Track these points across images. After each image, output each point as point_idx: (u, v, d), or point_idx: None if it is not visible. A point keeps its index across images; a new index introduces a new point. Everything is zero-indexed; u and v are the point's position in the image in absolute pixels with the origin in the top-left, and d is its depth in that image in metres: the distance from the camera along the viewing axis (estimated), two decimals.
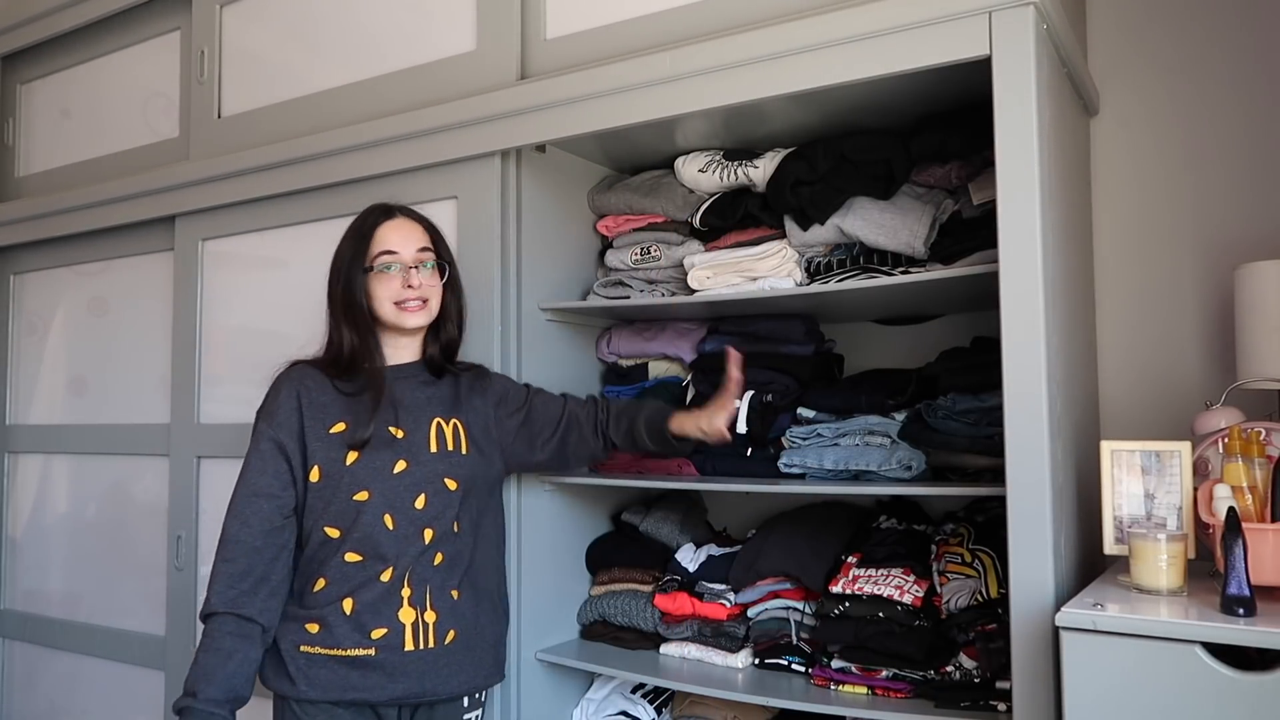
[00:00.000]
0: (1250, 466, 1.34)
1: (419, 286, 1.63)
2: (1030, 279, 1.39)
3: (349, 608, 1.56)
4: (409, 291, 1.63)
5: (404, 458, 1.60)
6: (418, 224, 1.70)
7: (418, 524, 1.58)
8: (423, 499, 1.59)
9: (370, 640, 1.56)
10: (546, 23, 1.94)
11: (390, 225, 1.67)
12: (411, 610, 1.57)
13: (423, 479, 1.60)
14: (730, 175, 1.91)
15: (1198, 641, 1.14)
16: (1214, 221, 1.82)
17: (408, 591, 1.58)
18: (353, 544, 1.57)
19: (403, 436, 1.62)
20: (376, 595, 1.56)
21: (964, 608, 1.62)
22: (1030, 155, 1.40)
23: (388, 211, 1.70)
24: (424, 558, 1.59)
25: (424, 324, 1.67)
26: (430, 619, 1.58)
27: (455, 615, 1.61)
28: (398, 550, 1.57)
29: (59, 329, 2.82)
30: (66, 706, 2.70)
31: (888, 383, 1.87)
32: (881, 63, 1.51)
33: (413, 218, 1.71)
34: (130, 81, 2.67)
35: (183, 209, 2.41)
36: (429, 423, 1.64)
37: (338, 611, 1.56)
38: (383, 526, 1.57)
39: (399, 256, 1.64)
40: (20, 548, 2.85)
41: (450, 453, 1.64)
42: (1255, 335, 1.55)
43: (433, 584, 1.59)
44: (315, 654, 1.56)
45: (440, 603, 1.60)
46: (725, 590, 1.90)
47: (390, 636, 1.56)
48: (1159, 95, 1.88)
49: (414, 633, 1.57)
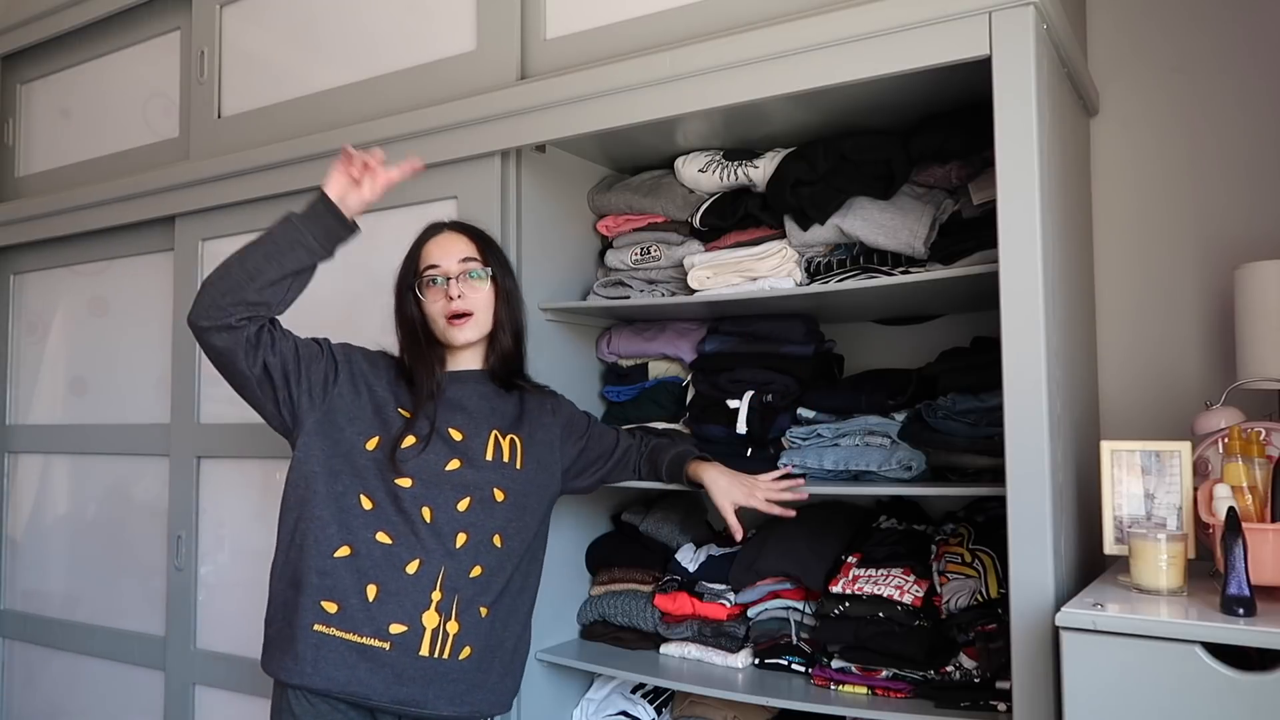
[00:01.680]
0: (1250, 466, 1.34)
1: (459, 297, 1.61)
2: (1030, 279, 1.39)
3: (372, 594, 1.51)
4: (453, 304, 1.61)
5: (459, 458, 1.58)
6: (463, 235, 1.68)
7: (454, 525, 1.55)
8: (467, 502, 1.56)
9: (387, 634, 1.50)
10: (546, 23, 1.94)
11: (436, 240, 1.66)
12: (436, 616, 1.52)
13: (472, 483, 1.57)
14: (730, 175, 1.91)
15: (1198, 641, 1.14)
16: (1214, 221, 1.82)
17: (438, 596, 1.53)
18: (385, 524, 1.53)
19: (461, 439, 1.60)
20: (401, 587, 1.52)
21: (964, 608, 1.62)
22: (1030, 155, 1.40)
23: (436, 228, 1.69)
24: (460, 565, 1.54)
25: (474, 338, 1.65)
26: (452, 629, 1.53)
27: (477, 633, 1.56)
28: (429, 545, 1.53)
29: (59, 329, 2.82)
30: (66, 706, 2.70)
31: (888, 383, 1.87)
32: (881, 63, 1.51)
33: (460, 230, 1.69)
34: (130, 81, 2.68)
35: (183, 209, 2.41)
36: (488, 432, 1.62)
37: (360, 595, 1.51)
38: (419, 517, 1.53)
39: (441, 269, 1.63)
40: (20, 548, 2.85)
41: (505, 464, 1.61)
42: (1255, 335, 1.55)
43: (464, 595, 1.54)
44: (328, 635, 1.51)
45: (466, 616, 1.54)
46: (725, 590, 1.90)
47: (408, 635, 1.51)
48: (1159, 95, 1.88)
49: (432, 639, 1.52)
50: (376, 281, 2.14)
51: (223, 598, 2.36)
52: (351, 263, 2.18)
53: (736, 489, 1.69)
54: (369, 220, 2.15)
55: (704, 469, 1.72)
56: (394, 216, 2.10)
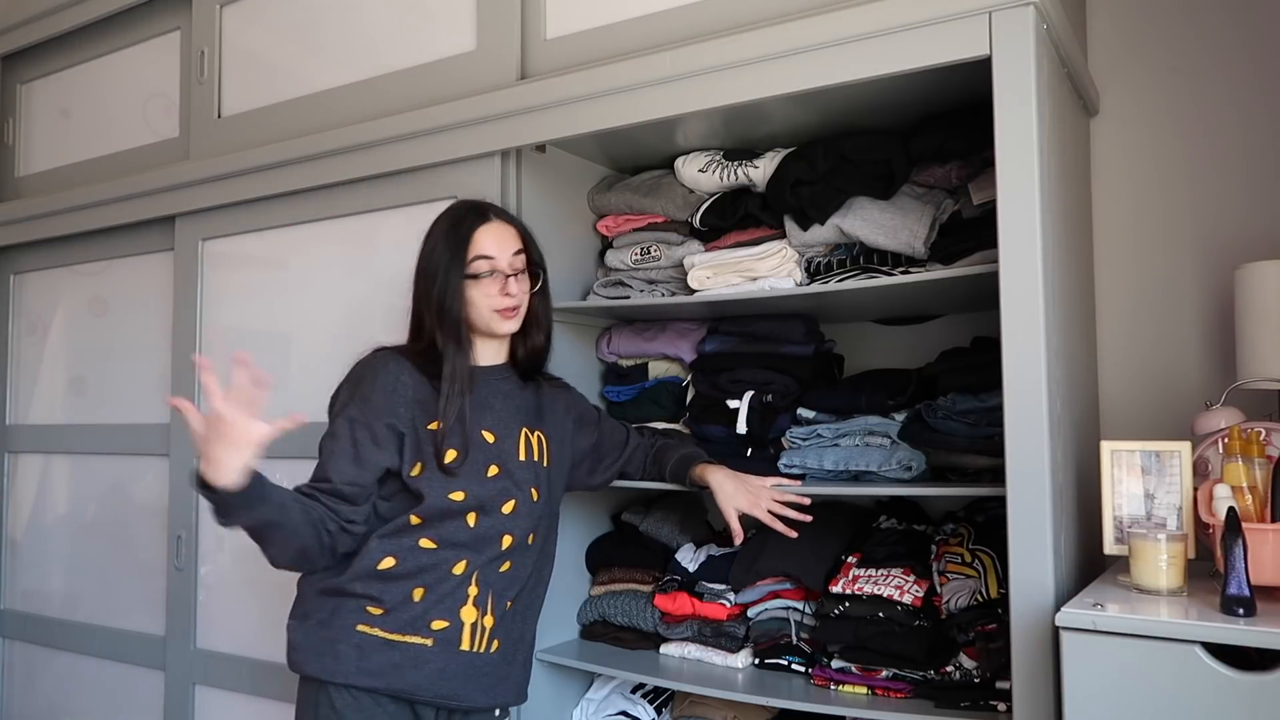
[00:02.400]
0: (1250, 466, 1.34)
1: (516, 294, 1.59)
2: (1030, 279, 1.39)
3: (418, 595, 1.52)
4: (507, 300, 1.58)
5: (495, 462, 1.58)
6: (511, 226, 1.65)
7: (499, 528, 1.56)
8: (511, 504, 1.58)
9: (430, 630, 1.52)
10: (546, 23, 1.94)
11: (487, 229, 1.60)
12: (474, 610, 1.55)
13: (513, 485, 1.58)
14: (730, 175, 1.91)
15: (1198, 641, 1.14)
16: (1214, 221, 1.82)
17: (474, 591, 1.55)
18: (431, 532, 1.53)
19: (494, 441, 1.59)
20: (446, 588, 1.53)
21: (964, 608, 1.62)
22: (1030, 155, 1.40)
23: (482, 213, 1.63)
24: (498, 563, 1.57)
25: (516, 329, 1.64)
26: (488, 623, 1.56)
27: (505, 626, 1.59)
28: (474, 547, 1.55)
29: (59, 329, 2.82)
30: (66, 706, 2.70)
31: (888, 383, 1.86)
32: (881, 63, 1.51)
33: (506, 220, 1.65)
34: (130, 81, 2.67)
35: (183, 209, 2.41)
36: (517, 430, 1.62)
37: (406, 598, 1.52)
38: (464, 523, 1.54)
39: (495, 262, 1.58)
40: (20, 548, 2.85)
41: (536, 463, 1.63)
42: (1255, 335, 1.55)
43: (495, 589, 1.57)
44: (371, 636, 1.51)
45: (498, 609, 1.58)
46: (725, 590, 1.90)
47: (449, 631, 1.53)
48: (1159, 95, 1.88)
49: (471, 633, 1.55)
50: (377, 282, 2.15)
51: (223, 598, 2.36)
52: (352, 263, 2.20)
53: (742, 496, 1.70)
54: (369, 220, 2.17)
55: (710, 472, 1.73)
56: (394, 216, 2.11)
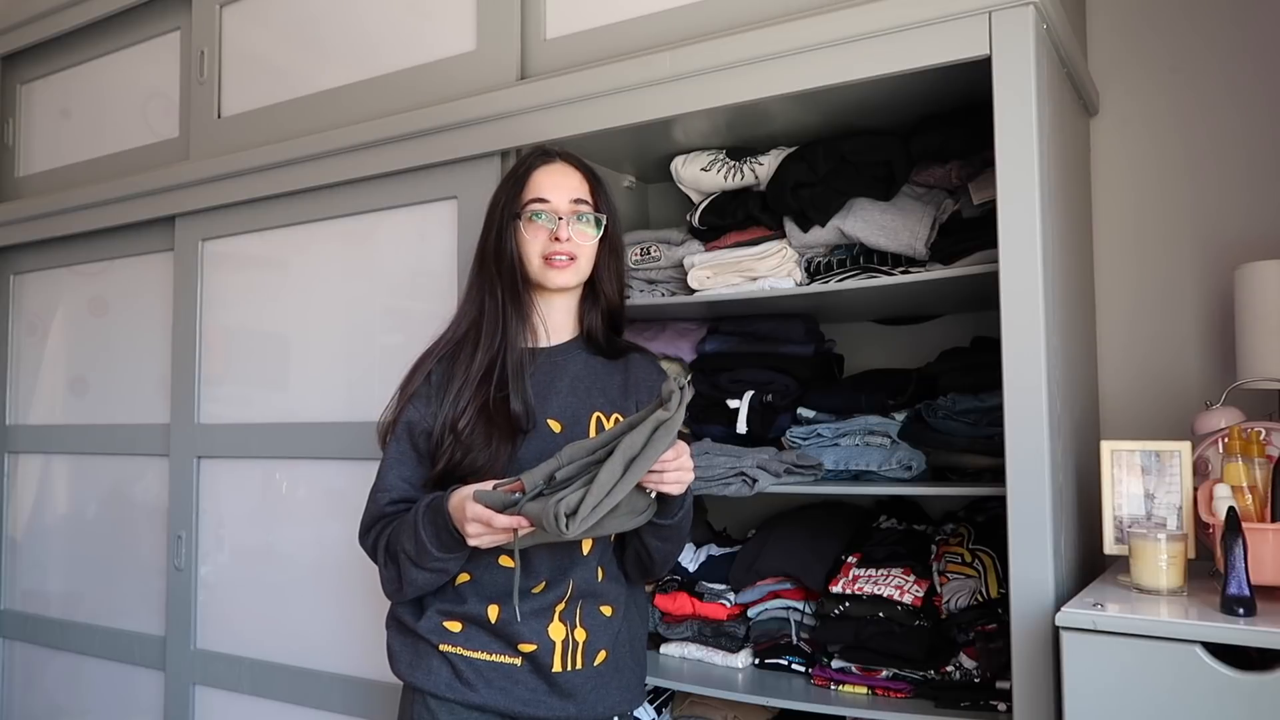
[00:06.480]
0: (1250, 466, 1.34)
1: (566, 240, 1.46)
2: (1030, 279, 1.39)
3: (494, 614, 1.42)
4: (556, 245, 1.46)
5: None
6: (576, 170, 1.53)
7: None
8: None
9: (517, 651, 1.42)
10: (546, 23, 1.94)
11: (546, 170, 1.51)
12: (561, 626, 1.43)
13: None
14: (735, 174, 1.90)
15: (1198, 641, 1.14)
16: (1214, 221, 1.82)
17: (561, 607, 1.44)
18: (508, 550, 1.38)
19: (560, 430, 1.45)
20: (529, 609, 1.42)
21: (964, 608, 1.62)
22: (1030, 155, 1.40)
23: (546, 155, 1.54)
24: (585, 572, 1.45)
25: (572, 283, 1.50)
26: (580, 637, 1.44)
27: (606, 633, 1.47)
28: (553, 561, 1.43)
29: (59, 329, 2.82)
30: (66, 706, 2.70)
31: (888, 383, 1.87)
32: (881, 63, 1.51)
33: (572, 163, 1.54)
34: (130, 81, 2.67)
35: (183, 209, 2.41)
36: (589, 416, 1.47)
37: (482, 615, 1.42)
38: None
39: (550, 205, 1.47)
40: (20, 548, 2.85)
41: None
42: (1255, 335, 1.55)
43: (587, 600, 1.46)
44: (456, 654, 1.43)
45: (590, 619, 1.46)
46: (725, 590, 1.90)
47: (539, 653, 1.42)
48: (1159, 95, 1.88)
49: (563, 651, 1.43)
50: (377, 282, 2.15)
51: (223, 598, 2.36)
52: (352, 263, 2.19)
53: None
54: (369, 220, 2.17)
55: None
56: (394, 216, 2.11)
